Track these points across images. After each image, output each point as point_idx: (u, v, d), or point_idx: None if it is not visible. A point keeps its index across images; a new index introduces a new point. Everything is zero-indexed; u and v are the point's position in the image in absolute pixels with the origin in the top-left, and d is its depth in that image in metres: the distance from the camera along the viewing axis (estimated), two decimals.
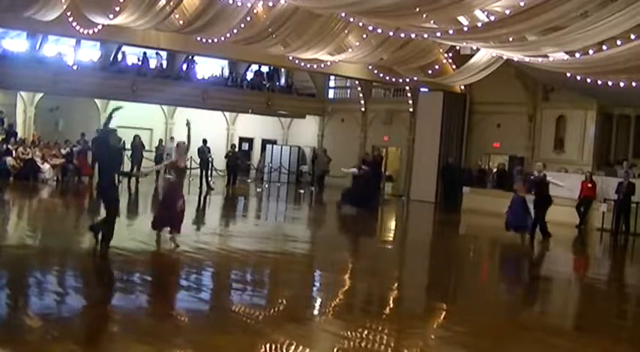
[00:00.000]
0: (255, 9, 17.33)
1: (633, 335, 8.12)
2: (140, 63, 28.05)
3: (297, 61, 20.58)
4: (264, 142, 32.94)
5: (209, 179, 24.54)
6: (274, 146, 32.44)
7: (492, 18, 14.19)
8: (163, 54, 28.49)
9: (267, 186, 29.45)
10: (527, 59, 16.52)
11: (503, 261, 14.20)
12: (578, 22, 12.89)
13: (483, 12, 14.62)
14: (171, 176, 11.51)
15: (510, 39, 14.89)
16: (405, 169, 27.99)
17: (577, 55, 14.63)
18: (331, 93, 32.91)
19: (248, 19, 17.16)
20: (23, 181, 21.35)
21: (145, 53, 27.77)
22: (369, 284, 9.92)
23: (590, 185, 19.57)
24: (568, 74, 16.44)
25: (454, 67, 22.50)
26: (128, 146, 25.20)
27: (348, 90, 31.93)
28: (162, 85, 26.80)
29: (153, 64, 28.74)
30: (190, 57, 28.35)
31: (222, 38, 17.82)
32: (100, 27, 17.11)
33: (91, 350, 5.78)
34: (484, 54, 19.07)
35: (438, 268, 12.50)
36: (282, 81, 32.74)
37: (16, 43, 25.79)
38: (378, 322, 7.31)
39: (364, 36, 18.65)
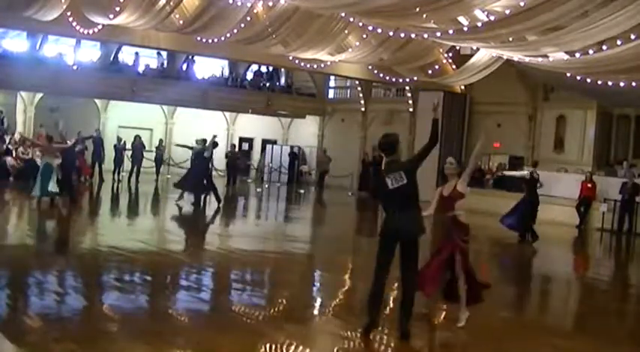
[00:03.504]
0: (255, 9, 17.31)
1: (633, 335, 8.12)
2: (133, 64, 27.89)
3: (297, 61, 20.57)
4: (264, 142, 32.94)
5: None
6: (274, 146, 32.44)
7: (492, 18, 14.18)
8: (164, 54, 28.49)
9: (267, 186, 29.46)
10: (527, 59, 16.51)
11: (503, 261, 14.20)
12: (578, 22, 12.88)
13: (483, 12, 14.62)
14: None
15: (510, 39, 14.88)
16: None
17: (577, 55, 14.61)
18: (331, 93, 32.92)
19: (248, 19, 17.14)
20: (23, 181, 21.33)
21: (137, 53, 27.67)
22: (369, 284, 9.90)
23: (590, 185, 19.58)
24: (568, 74, 16.43)
25: (454, 67, 22.50)
26: (128, 146, 25.27)
27: (348, 90, 31.93)
28: (162, 85, 26.79)
29: (152, 63, 28.72)
30: (190, 57, 28.35)
31: (222, 38, 17.81)
32: (100, 27, 17.10)
33: (91, 350, 5.78)
34: (484, 54, 19.07)
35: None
36: (282, 81, 32.73)
37: (16, 43, 25.78)
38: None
39: (364, 36, 18.64)
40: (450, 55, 22.04)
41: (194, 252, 12.03)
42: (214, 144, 19.09)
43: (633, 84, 15.65)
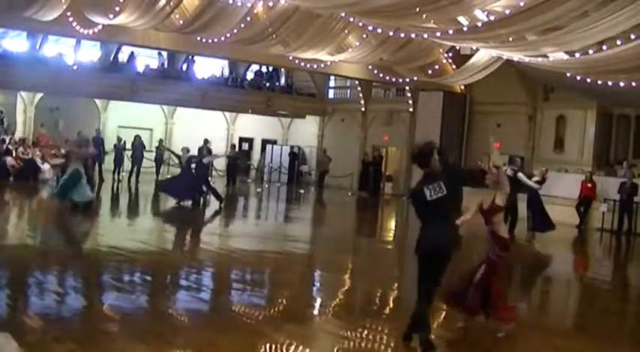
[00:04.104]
0: (255, 9, 17.32)
1: (633, 335, 8.12)
2: (129, 64, 27.81)
3: (297, 61, 20.57)
4: (264, 142, 32.93)
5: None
6: (274, 146, 32.44)
7: (492, 18, 14.18)
8: (164, 54, 28.48)
9: (267, 186, 29.46)
10: (527, 59, 16.52)
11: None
12: (578, 22, 12.88)
13: (483, 12, 14.62)
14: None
15: (510, 39, 14.89)
16: (405, 169, 27.98)
17: (577, 55, 14.62)
18: (331, 93, 32.91)
19: (248, 19, 17.15)
20: (23, 181, 21.35)
21: (132, 53, 27.64)
22: (369, 284, 9.92)
23: (590, 185, 19.59)
24: (568, 74, 16.44)
25: (454, 67, 22.50)
26: (128, 146, 25.27)
27: (348, 90, 31.92)
28: (162, 85, 26.78)
29: (152, 63, 28.71)
30: (190, 57, 28.35)
31: (222, 38, 17.82)
32: (100, 27, 17.11)
33: (91, 350, 5.78)
34: (484, 54, 19.06)
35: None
36: (282, 81, 32.73)
37: (16, 43, 25.78)
38: (378, 322, 7.31)
39: (364, 36, 18.64)
40: (450, 55, 22.04)
41: (194, 252, 12.03)
42: (209, 151, 19.36)
43: (633, 84, 15.65)
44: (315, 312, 7.97)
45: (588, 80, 16.36)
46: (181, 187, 17.95)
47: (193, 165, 18.51)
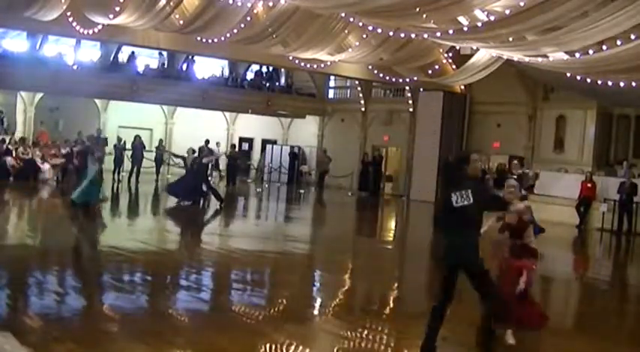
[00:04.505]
0: (255, 9, 17.32)
1: (633, 336, 8.12)
2: (129, 64, 27.80)
3: (297, 61, 20.56)
4: (264, 142, 32.94)
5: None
6: (274, 146, 32.45)
7: (492, 18, 14.18)
8: (164, 53, 28.47)
9: (267, 186, 29.46)
10: (527, 59, 16.52)
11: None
12: (578, 22, 12.88)
13: (483, 12, 14.62)
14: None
15: (510, 39, 14.89)
16: (405, 169, 28.00)
17: (577, 55, 14.62)
18: (331, 93, 32.90)
19: (248, 19, 17.15)
20: (23, 181, 21.35)
21: (132, 53, 27.63)
22: (369, 284, 9.93)
23: (590, 185, 19.59)
24: (568, 74, 16.44)
25: (454, 67, 22.49)
26: (128, 146, 25.27)
27: (348, 90, 31.91)
28: (162, 85, 26.76)
29: (152, 63, 28.71)
30: (190, 57, 28.35)
31: (222, 38, 17.82)
32: (100, 27, 17.10)
33: (91, 350, 5.78)
34: (484, 54, 19.06)
35: (438, 268, 12.49)
36: (282, 81, 32.73)
37: (16, 43, 25.78)
38: (378, 322, 7.31)
39: (364, 36, 18.63)
40: (450, 55, 22.03)
41: (194, 252, 12.03)
42: (210, 151, 19.35)
43: (633, 84, 15.65)
44: (315, 312, 7.98)
45: (588, 80, 16.35)
46: (186, 188, 18.04)
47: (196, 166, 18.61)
